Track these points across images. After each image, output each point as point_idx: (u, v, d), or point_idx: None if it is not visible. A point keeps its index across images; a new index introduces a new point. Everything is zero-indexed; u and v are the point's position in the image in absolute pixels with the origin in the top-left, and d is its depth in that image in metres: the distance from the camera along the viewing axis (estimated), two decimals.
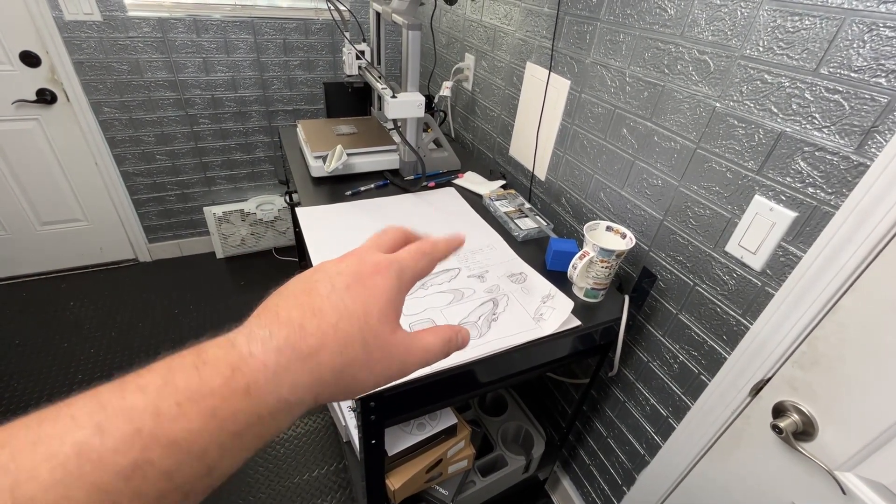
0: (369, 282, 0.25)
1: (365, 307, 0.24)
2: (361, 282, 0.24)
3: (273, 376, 0.20)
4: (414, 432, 0.93)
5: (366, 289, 0.24)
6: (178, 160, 2.04)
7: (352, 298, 0.23)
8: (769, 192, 0.70)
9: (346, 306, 0.23)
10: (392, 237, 0.30)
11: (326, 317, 0.22)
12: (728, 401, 0.81)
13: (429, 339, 0.27)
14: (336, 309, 0.23)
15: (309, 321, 0.22)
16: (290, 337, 0.21)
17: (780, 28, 0.65)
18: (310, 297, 0.23)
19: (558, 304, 0.87)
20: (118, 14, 1.65)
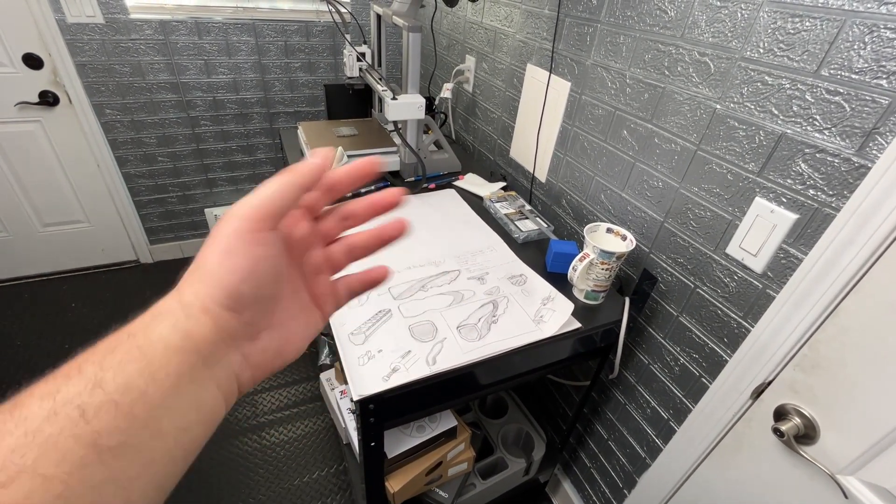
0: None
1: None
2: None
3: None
4: (414, 434, 0.93)
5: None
6: (180, 162, 2.05)
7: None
8: (770, 194, 0.70)
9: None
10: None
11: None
12: (729, 404, 0.81)
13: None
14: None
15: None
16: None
17: (780, 29, 0.64)
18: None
19: (558, 307, 0.87)
20: (120, 16, 1.66)
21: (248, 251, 0.23)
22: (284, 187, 0.24)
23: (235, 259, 0.23)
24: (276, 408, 1.64)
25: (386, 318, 0.82)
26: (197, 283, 0.22)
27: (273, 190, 0.24)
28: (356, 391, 0.68)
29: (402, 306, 0.85)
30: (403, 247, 1.01)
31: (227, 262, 0.22)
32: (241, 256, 0.23)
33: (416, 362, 0.74)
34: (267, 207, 0.24)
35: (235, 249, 0.23)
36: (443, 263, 0.98)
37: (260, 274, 0.23)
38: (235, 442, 1.53)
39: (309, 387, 1.73)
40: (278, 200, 0.24)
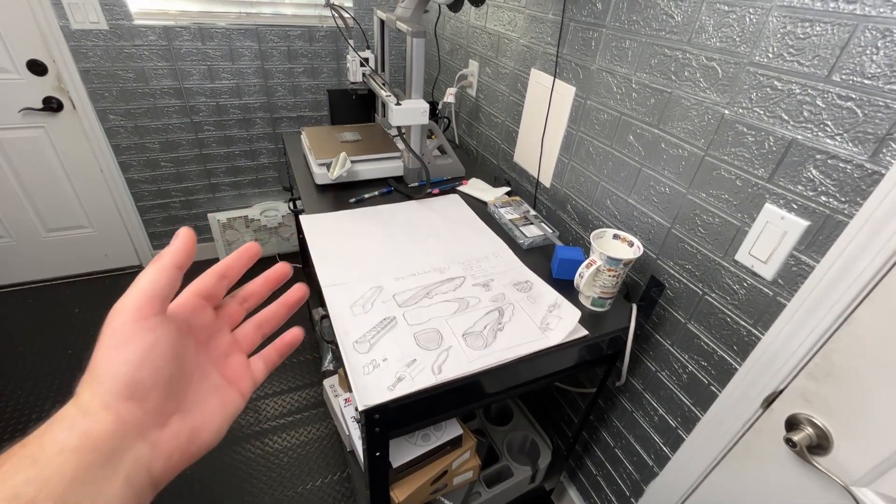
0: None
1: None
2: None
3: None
4: (419, 443, 0.92)
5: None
6: (183, 167, 2.05)
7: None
8: (780, 201, 0.69)
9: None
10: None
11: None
12: (739, 412, 0.80)
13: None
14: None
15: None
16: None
17: (790, 34, 0.64)
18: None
19: (565, 314, 0.86)
20: (124, 23, 1.67)
21: (139, 338, 0.24)
22: (159, 272, 0.25)
23: (128, 348, 0.23)
24: (278, 414, 1.64)
25: (391, 326, 0.81)
26: (93, 384, 0.22)
27: (149, 277, 0.25)
28: (361, 401, 0.68)
29: (406, 314, 0.84)
30: (408, 252, 1.01)
31: (119, 354, 0.23)
32: (134, 344, 0.23)
33: (422, 371, 0.73)
34: (147, 293, 0.25)
35: (126, 339, 0.23)
36: (448, 270, 0.97)
37: (156, 358, 0.24)
38: (238, 448, 1.52)
39: (312, 392, 1.72)
40: (156, 283, 0.25)
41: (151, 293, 0.25)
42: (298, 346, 0.32)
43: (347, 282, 0.90)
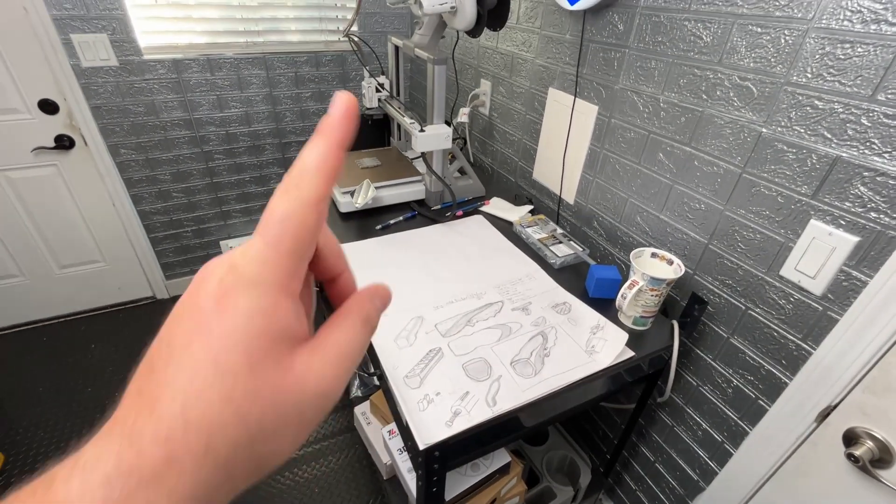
0: (211, 320, 0.16)
1: (214, 363, 0.16)
2: (200, 326, 0.16)
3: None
4: (469, 473, 0.91)
5: (210, 334, 0.16)
6: (194, 196, 2.04)
7: (194, 357, 0.16)
8: (826, 217, 0.69)
9: (188, 375, 0.16)
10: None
11: (166, 404, 0.15)
12: (792, 427, 0.80)
13: (338, 337, 0.20)
14: (177, 386, 0.15)
15: (146, 417, 0.15)
16: (122, 454, 0.15)
17: (829, 55, 0.65)
18: (153, 361, 0.17)
19: (610, 335, 0.86)
20: (134, 58, 1.67)
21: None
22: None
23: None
24: (308, 441, 1.62)
25: (438, 358, 0.81)
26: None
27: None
28: (422, 440, 0.67)
29: (451, 344, 0.84)
30: (442, 279, 1.01)
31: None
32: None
33: (477, 404, 0.73)
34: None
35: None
36: (485, 295, 0.97)
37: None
38: (269, 480, 1.50)
39: (340, 417, 1.70)
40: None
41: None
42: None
43: (387, 313, 0.90)
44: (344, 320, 0.21)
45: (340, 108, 0.20)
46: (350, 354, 0.20)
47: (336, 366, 0.19)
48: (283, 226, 0.18)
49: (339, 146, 0.19)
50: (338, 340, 0.20)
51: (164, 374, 0.16)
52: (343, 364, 0.19)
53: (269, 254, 0.18)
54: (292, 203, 0.18)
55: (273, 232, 0.18)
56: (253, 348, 0.16)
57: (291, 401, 0.17)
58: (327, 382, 0.18)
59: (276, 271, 0.18)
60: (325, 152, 0.19)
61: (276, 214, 0.18)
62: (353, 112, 0.20)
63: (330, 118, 0.19)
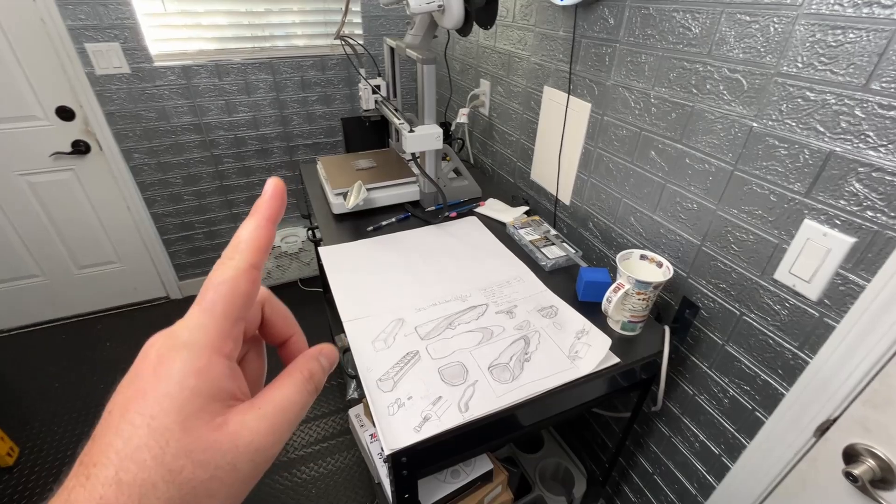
0: (147, 384, 0.18)
1: (148, 425, 0.17)
2: (137, 391, 0.18)
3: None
4: (448, 480, 0.89)
5: (146, 397, 0.18)
6: (205, 199, 2.09)
7: (130, 421, 0.17)
8: (821, 216, 0.64)
9: (123, 439, 0.17)
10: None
11: (101, 469, 0.16)
12: (790, 441, 0.75)
13: (276, 394, 0.21)
14: (112, 451, 0.17)
15: (82, 484, 0.16)
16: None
17: (820, 43, 0.60)
18: (95, 431, 0.18)
19: (594, 341, 0.83)
20: (145, 65, 1.73)
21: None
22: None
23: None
24: (305, 443, 1.63)
25: (414, 361, 0.79)
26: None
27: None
28: (387, 444, 0.65)
29: (430, 347, 0.82)
30: (428, 281, 0.99)
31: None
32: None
33: (448, 409, 0.71)
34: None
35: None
36: (469, 298, 0.95)
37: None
38: (267, 480, 1.51)
39: (337, 420, 1.71)
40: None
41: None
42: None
43: (368, 315, 0.89)
44: (285, 379, 0.22)
45: (268, 191, 0.22)
46: (287, 410, 0.21)
47: (272, 421, 0.20)
48: (217, 292, 0.20)
49: (269, 221, 0.21)
50: (275, 397, 0.21)
51: (103, 441, 0.17)
52: (279, 420, 0.20)
53: (203, 318, 0.20)
54: (226, 272, 0.20)
55: (208, 298, 0.20)
56: (186, 408, 0.18)
57: (224, 457, 0.18)
58: (261, 438, 0.19)
59: (210, 334, 0.19)
60: (254, 227, 0.21)
61: (212, 282, 0.20)
62: (279, 194, 0.22)
63: (260, 199, 0.22)
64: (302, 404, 0.21)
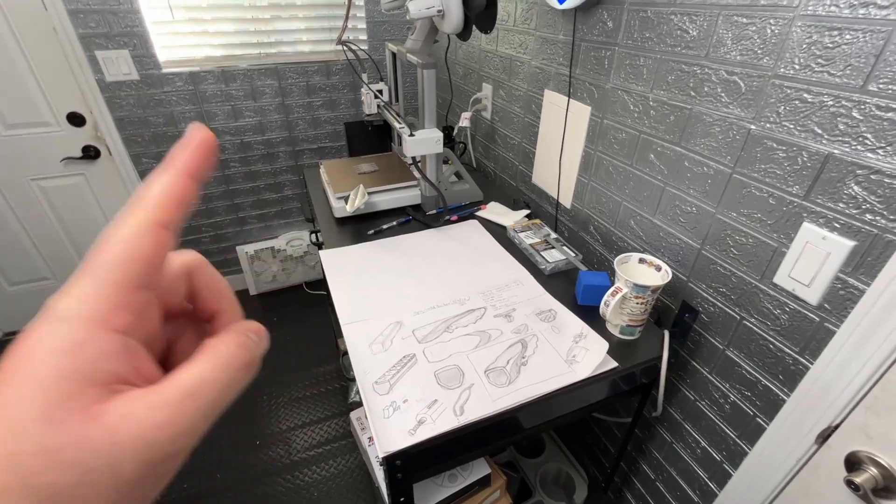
0: (14, 367, 0.15)
1: (5, 417, 0.14)
2: (3, 377, 0.15)
3: None
4: (445, 484, 0.89)
5: (9, 384, 0.14)
6: (211, 203, 2.12)
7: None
8: (820, 220, 0.64)
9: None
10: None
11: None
12: (791, 448, 0.73)
13: (184, 377, 0.17)
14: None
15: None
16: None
17: (816, 44, 0.60)
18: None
19: (592, 345, 0.82)
20: (154, 72, 1.76)
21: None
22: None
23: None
24: (308, 445, 1.63)
25: (411, 364, 0.79)
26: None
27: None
28: (381, 447, 0.66)
29: (427, 350, 0.82)
30: (427, 285, 0.99)
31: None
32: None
33: (444, 412, 0.71)
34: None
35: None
36: (468, 301, 0.95)
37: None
38: (269, 482, 1.52)
39: (340, 423, 1.71)
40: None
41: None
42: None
43: (367, 318, 0.90)
44: (201, 354, 0.18)
45: (192, 140, 0.18)
46: (200, 394, 0.17)
47: (174, 410, 0.16)
48: (105, 253, 0.16)
49: (187, 175, 0.18)
50: (182, 379, 0.17)
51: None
52: (186, 406, 0.16)
53: (86, 285, 0.16)
54: (122, 229, 0.16)
55: (94, 260, 0.16)
56: (51, 394, 0.14)
57: (98, 457, 0.14)
58: (154, 431, 0.15)
59: (94, 304, 0.16)
60: (163, 180, 0.18)
61: (104, 243, 0.16)
62: (205, 146, 0.18)
63: (179, 145, 0.18)
64: (224, 383, 0.18)
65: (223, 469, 1.55)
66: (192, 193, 0.18)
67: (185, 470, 1.54)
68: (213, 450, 1.61)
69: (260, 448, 1.62)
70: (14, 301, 2.02)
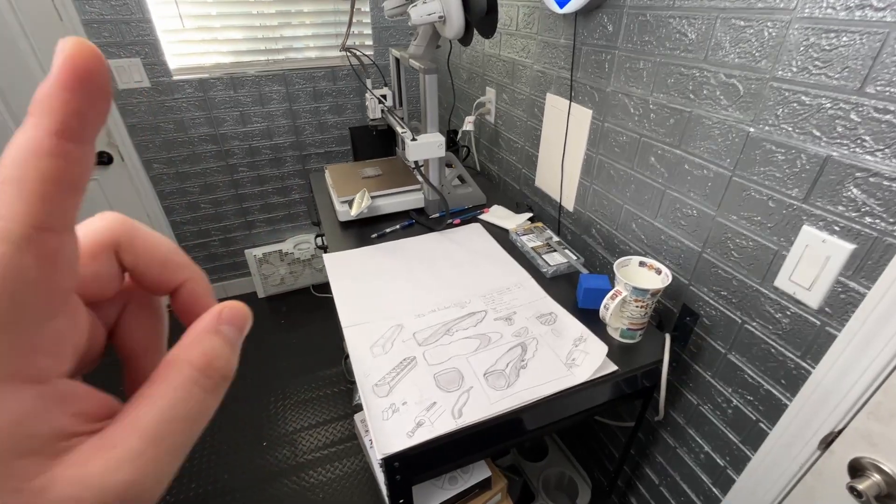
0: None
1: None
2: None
3: None
4: (446, 487, 0.89)
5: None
6: (221, 207, 2.15)
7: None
8: (819, 223, 0.63)
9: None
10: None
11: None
12: (794, 454, 0.72)
13: (145, 412, 0.14)
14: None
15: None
16: None
17: (814, 46, 0.59)
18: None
19: (591, 348, 0.82)
20: (164, 79, 1.80)
21: None
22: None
23: None
24: (314, 447, 1.64)
25: (411, 367, 0.80)
26: None
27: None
28: (380, 449, 0.66)
29: (427, 353, 0.83)
30: (428, 288, 1.00)
31: None
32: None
33: (442, 415, 0.71)
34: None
35: None
36: (468, 304, 0.95)
37: None
38: (276, 484, 1.53)
39: (346, 425, 1.72)
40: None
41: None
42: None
43: (368, 321, 0.90)
44: (159, 383, 0.15)
45: (56, 69, 0.12)
46: (166, 435, 0.14)
47: (138, 462, 0.13)
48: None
49: (58, 135, 0.12)
50: (139, 422, 0.14)
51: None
52: (151, 454, 0.13)
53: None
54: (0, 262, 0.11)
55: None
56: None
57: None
58: (116, 494, 0.12)
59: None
60: (30, 151, 0.12)
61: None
62: (79, 73, 0.12)
63: (41, 88, 0.12)
64: (195, 414, 0.14)
65: (230, 470, 1.57)
66: (76, 165, 0.12)
67: (193, 471, 1.56)
68: (221, 451, 1.63)
69: (267, 449, 1.64)
70: None
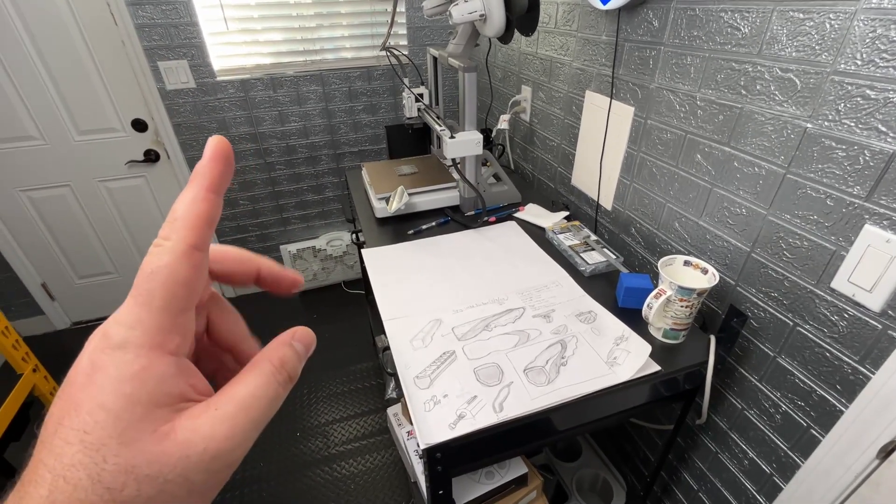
0: (81, 394, 0.16)
1: (81, 440, 0.15)
2: (70, 402, 0.16)
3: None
4: (483, 481, 0.90)
5: (79, 409, 0.16)
6: (258, 204, 2.22)
7: (63, 437, 0.15)
8: (883, 222, 0.61)
9: (56, 456, 0.15)
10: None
11: (33, 489, 0.15)
12: (849, 463, 0.70)
13: (237, 391, 0.19)
14: (45, 469, 0.15)
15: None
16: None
17: (881, 38, 0.57)
18: (34, 445, 0.16)
19: (633, 348, 0.81)
20: (209, 80, 1.87)
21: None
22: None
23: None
24: (346, 439, 1.68)
25: (450, 361, 0.81)
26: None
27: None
28: (423, 440, 0.67)
29: (466, 347, 0.84)
30: (466, 284, 1.01)
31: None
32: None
33: (483, 408, 0.72)
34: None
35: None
36: (506, 301, 0.95)
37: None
38: (309, 473, 1.57)
39: (377, 419, 1.75)
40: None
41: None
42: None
43: (407, 315, 0.92)
44: (250, 371, 0.20)
45: (208, 152, 0.19)
46: (252, 408, 0.19)
47: (232, 423, 0.18)
48: (152, 282, 0.17)
49: (210, 190, 0.18)
50: (236, 394, 0.19)
51: (38, 457, 0.15)
52: (241, 420, 0.18)
53: (138, 314, 0.17)
54: (161, 257, 0.17)
55: (142, 289, 0.17)
56: (123, 419, 0.16)
57: (174, 470, 0.16)
58: (218, 443, 0.17)
59: (147, 331, 0.17)
60: (192, 199, 0.18)
61: (145, 270, 0.17)
62: (222, 154, 0.19)
63: (200, 163, 0.19)
64: (271, 398, 0.19)
65: (266, 458, 1.62)
66: (217, 209, 0.19)
67: None
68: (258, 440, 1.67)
69: (300, 440, 1.68)
70: (82, 293, 2.19)
